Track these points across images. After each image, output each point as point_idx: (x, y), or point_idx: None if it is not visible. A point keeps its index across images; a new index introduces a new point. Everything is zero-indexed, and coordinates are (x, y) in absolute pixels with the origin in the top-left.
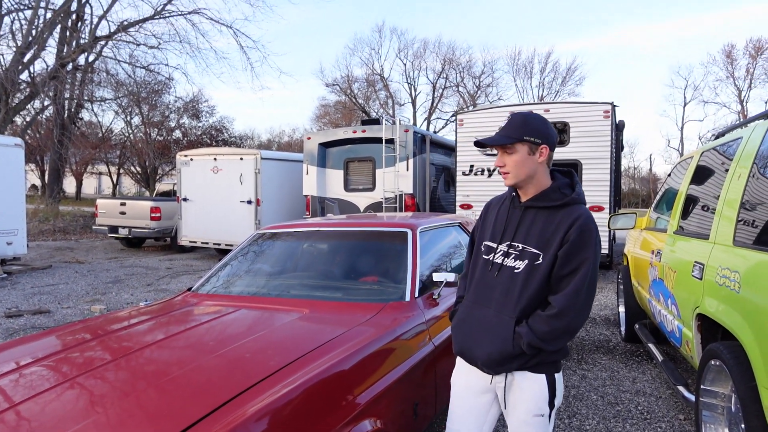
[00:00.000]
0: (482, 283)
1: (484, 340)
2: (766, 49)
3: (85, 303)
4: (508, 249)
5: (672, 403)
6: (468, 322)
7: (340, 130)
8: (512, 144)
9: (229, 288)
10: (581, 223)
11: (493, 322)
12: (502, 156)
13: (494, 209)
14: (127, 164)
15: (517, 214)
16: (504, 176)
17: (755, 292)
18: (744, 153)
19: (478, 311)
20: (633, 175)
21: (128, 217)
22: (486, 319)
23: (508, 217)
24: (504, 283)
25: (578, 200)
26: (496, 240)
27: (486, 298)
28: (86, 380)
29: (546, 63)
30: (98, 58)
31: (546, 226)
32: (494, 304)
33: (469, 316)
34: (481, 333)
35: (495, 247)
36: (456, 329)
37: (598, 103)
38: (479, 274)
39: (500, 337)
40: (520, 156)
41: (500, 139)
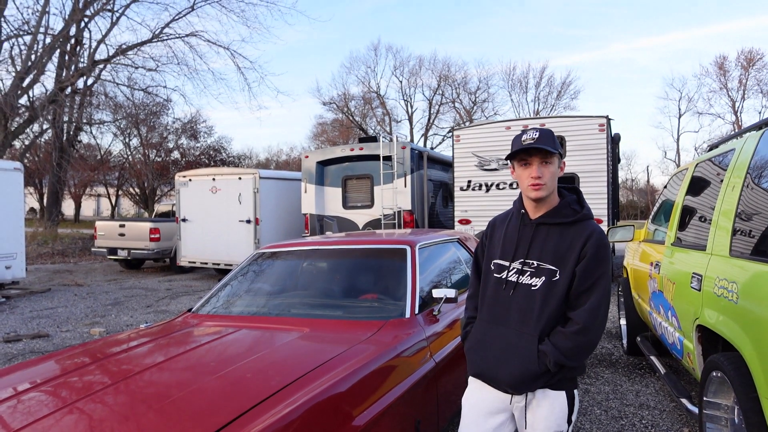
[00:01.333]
0: (497, 302)
1: (507, 360)
2: (757, 60)
3: (85, 326)
4: (522, 267)
5: (676, 416)
6: (486, 343)
7: (338, 148)
8: (553, 154)
9: (230, 308)
10: (597, 238)
11: (515, 342)
12: (540, 167)
13: (500, 227)
14: (126, 186)
15: (529, 231)
16: (537, 188)
17: (753, 303)
18: (737, 164)
19: (496, 331)
20: (631, 187)
21: (127, 238)
22: (506, 339)
23: (519, 234)
24: (521, 302)
25: (589, 216)
26: (508, 258)
27: (503, 318)
28: (86, 405)
29: (541, 78)
30: (97, 81)
31: (560, 243)
32: (513, 323)
33: (487, 336)
34: (504, 353)
35: (507, 266)
36: (473, 351)
37: (593, 116)
38: (492, 293)
39: (524, 356)
40: (555, 168)
41: (548, 146)
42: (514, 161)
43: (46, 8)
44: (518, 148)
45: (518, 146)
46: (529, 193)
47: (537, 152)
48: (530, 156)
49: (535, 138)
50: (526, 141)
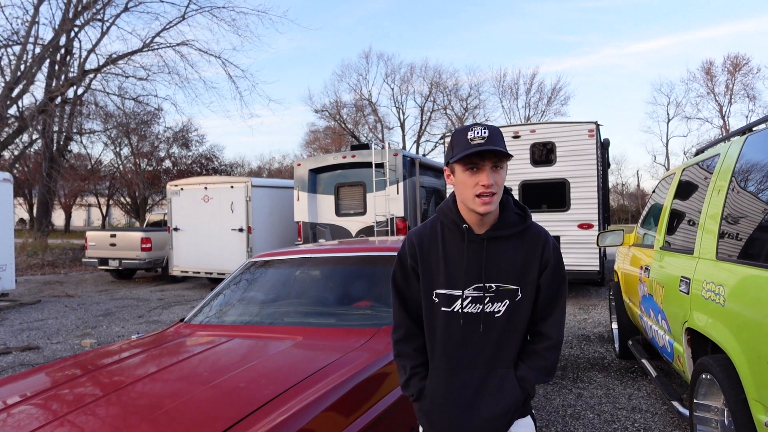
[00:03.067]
0: (454, 342)
1: (480, 406)
2: (744, 65)
3: (76, 338)
4: (479, 293)
5: (668, 418)
6: (451, 396)
7: (330, 156)
8: (507, 157)
9: (222, 317)
10: (552, 243)
11: (487, 383)
12: (492, 173)
13: (433, 247)
14: (117, 195)
15: (478, 248)
16: (489, 199)
17: (739, 306)
18: (722, 168)
19: (460, 377)
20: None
21: (118, 248)
22: (474, 383)
23: (467, 254)
24: (486, 335)
25: (531, 218)
26: (458, 286)
27: (466, 360)
28: (77, 417)
29: (531, 84)
30: (87, 91)
31: (516, 257)
32: (481, 363)
33: (450, 387)
34: (474, 400)
35: (460, 295)
36: (434, 412)
37: (583, 122)
38: (445, 332)
39: (503, 393)
40: (505, 174)
41: (501, 147)
42: (455, 165)
43: (36, 18)
44: (471, 151)
45: (468, 147)
46: (476, 206)
47: (491, 155)
48: (481, 159)
49: (485, 137)
50: (474, 141)
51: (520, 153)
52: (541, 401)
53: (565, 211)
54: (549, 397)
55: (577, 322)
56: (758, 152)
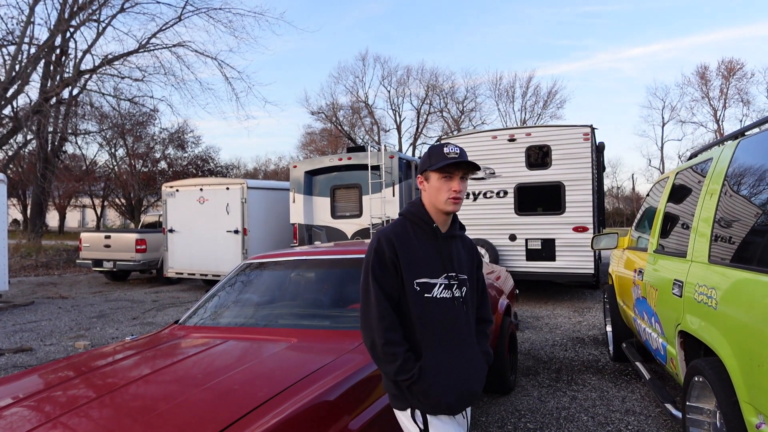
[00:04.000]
0: (436, 323)
1: (471, 377)
2: (738, 69)
3: (69, 339)
4: (449, 281)
5: (661, 421)
6: (447, 370)
7: (326, 158)
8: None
9: (217, 319)
10: (474, 244)
11: (467, 356)
12: (461, 182)
13: (409, 244)
14: (112, 196)
15: (445, 244)
16: (457, 202)
17: (731, 309)
18: (715, 173)
19: (450, 353)
20: (617, 194)
21: (113, 250)
22: (461, 358)
23: (437, 248)
24: (457, 315)
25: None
26: (434, 274)
27: (450, 337)
28: (70, 419)
29: (527, 87)
30: (82, 92)
31: (463, 252)
32: (464, 341)
33: (443, 363)
34: (466, 372)
35: (433, 283)
36: (436, 383)
37: (578, 126)
38: (429, 315)
39: (476, 365)
40: (467, 183)
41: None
42: (432, 173)
43: (31, 18)
44: (449, 162)
45: (444, 159)
46: (446, 206)
47: (465, 166)
48: (456, 170)
49: (458, 153)
50: (450, 155)
51: (516, 156)
52: (536, 404)
53: (561, 214)
54: (543, 400)
55: (572, 325)
56: (750, 156)
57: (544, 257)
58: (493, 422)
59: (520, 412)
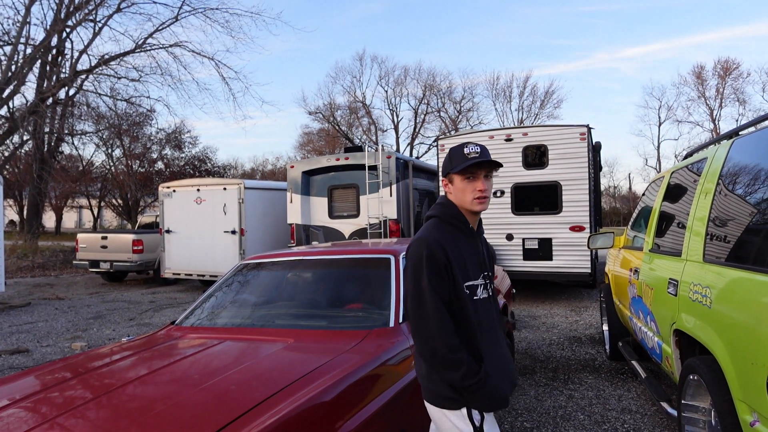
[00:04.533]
0: (483, 325)
1: (513, 369)
2: (734, 69)
3: (66, 340)
4: (484, 281)
5: (657, 419)
6: (500, 369)
7: (324, 158)
8: (495, 168)
9: (214, 320)
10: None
11: (504, 353)
12: (486, 181)
13: (455, 246)
14: (109, 197)
15: (478, 243)
16: (483, 201)
17: (725, 307)
18: (710, 172)
19: (496, 352)
20: (613, 194)
21: (110, 250)
22: (504, 352)
23: (476, 249)
24: (490, 315)
25: None
26: (476, 276)
27: (494, 337)
28: (67, 420)
29: (524, 87)
30: (79, 92)
31: (484, 249)
32: (495, 339)
33: (495, 362)
34: (510, 365)
35: (477, 284)
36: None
37: (575, 125)
38: (479, 318)
39: (509, 360)
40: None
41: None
42: (455, 175)
43: (27, 18)
44: (470, 163)
45: (466, 160)
46: (473, 206)
47: (487, 165)
48: (478, 169)
49: (478, 152)
50: (470, 155)
51: (513, 156)
52: (533, 403)
53: (557, 214)
54: (540, 399)
55: (569, 324)
56: (745, 155)
57: (541, 257)
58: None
59: (517, 411)
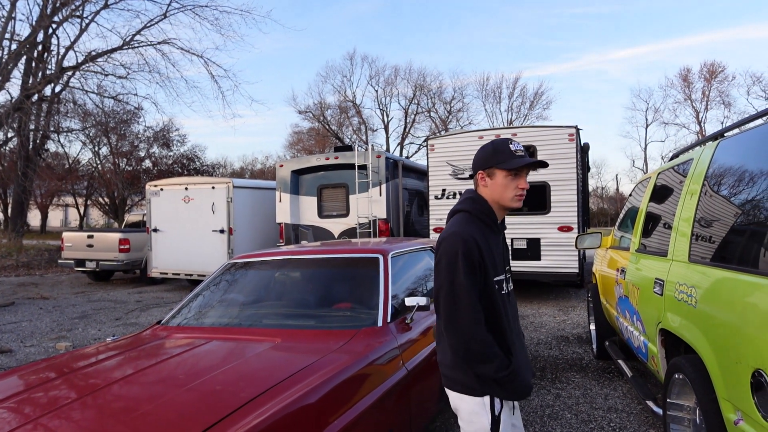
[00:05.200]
0: (509, 318)
1: (529, 363)
2: (719, 72)
3: (50, 340)
4: (506, 275)
5: (643, 418)
6: (523, 361)
7: (313, 157)
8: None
9: (201, 319)
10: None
11: (524, 345)
12: (526, 178)
13: (485, 242)
14: (95, 195)
15: (501, 239)
16: (521, 199)
17: (710, 307)
18: (695, 173)
19: (521, 343)
20: (601, 194)
21: (96, 249)
22: (524, 346)
23: (501, 245)
24: (513, 308)
25: None
26: (501, 271)
27: (516, 330)
28: (51, 421)
29: (514, 88)
30: (65, 89)
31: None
32: (516, 331)
33: (521, 352)
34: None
35: (502, 279)
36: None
37: (563, 126)
38: (505, 311)
39: (526, 353)
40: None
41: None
42: (498, 170)
43: (12, 14)
44: (527, 162)
45: (513, 157)
46: (513, 203)
47: (534, 166)
48: (525, 168)
49: (523, 151)
50: (518, 153)
51: None
52: (520, 402)
53: (546, 214)
54: (528, 398)
55: (557, 324)
56: (729, 157)
57: (529, 257)
58: None
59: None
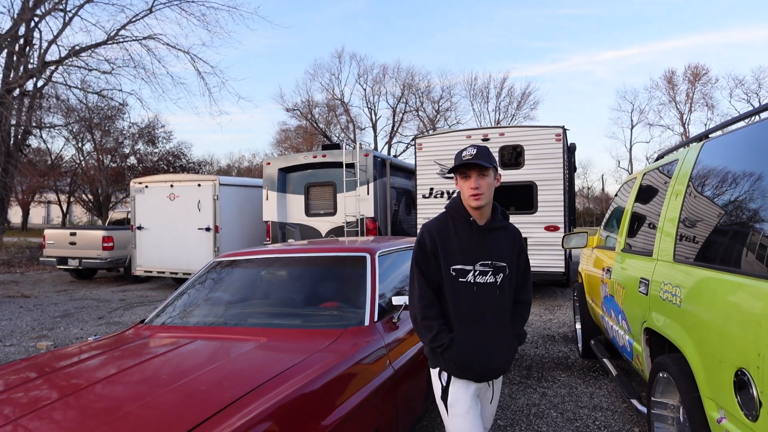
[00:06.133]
0: (470, 304)
1: (496, 352)
2: (703, 75)
3: (31, 340)
4: (483, 267)
5: (627, 416)
6: (475, 342)
7: (301, 155)
8: (489, 168)
9: (185, 318)
10: (519, 233)
11: (497, 334)
12: (478, 179)
13: (447, 235)
14: (78, 192)
15: (482, 236)
16: (476, 198)
17: (694, 306)
18: (680, 174)
19: (477, 329)
20: (587, 194)
21: (79, 247)
22: (489, 334)
23: (474, 240)
24: (490, 298)
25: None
26: (468, 262)
27: (479, 316)
28: (30, 422)
29: (501, 88)
30: (48, 84)
31: (506, 243)
32: (489, 319)
33: (472, 336)
34: (492, 347)
35: (469, 269)
36: (463, 354)
37: (550, 126)
38: (463, 296)
39: (508, 344)
40: (490, 180)
41: (484, 161)
42: (456, 174)
43: None
44: (459, 163)
45: (459, 161)
46: (470, 202)
47: (474, 167)
48: (469, 170)
49: (473, 154)
50: (465, 157)
51: None
52: (506, 400)
53: (532, 214)
54: (514, 397)
55: (543, 323)
56: (714, 158)
57: None
58: None
59: None
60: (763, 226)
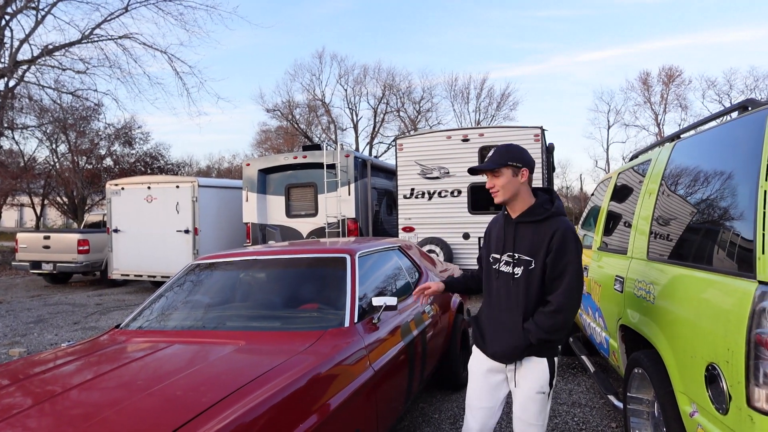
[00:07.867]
0: (491, 288)
1: (501, 337)
2: (677, 76)
3: (2, 346)
4: (508, 258)
5: (605, 412)
6: (485, 322)
7: (281, 156)
8: (498, 168)
9: (161, 323)
10: (562, 233)
11: (506, 322)
12: (491, 179)
13: (494, 227)
14: (53, 195)
15: (511, 228)
16: (495, 195)
17: (667, 303)
18: (653, 173)
19: (491, 313)
20: (566, 194)
21: (53, 251)
22: (500, 320)
23: (504, 231)
24: (506, 287)
25: (558, 213)
26: (498, 252)
27: (495, 302)
28: (3, 430)
29: (481, 89)
30: (20, 83)
31: (534, 237)
32: (503, 306)
33: (485, 316)
34: (498, 332)
35: (498, 258)
36: (478, 327)
37: (529, 127)
38: (489, 281)
39: (513, 333)
40: (506, 178)
41: (488, 165)
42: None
43: None
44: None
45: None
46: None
47: (479, 169)
48: (479, 173)
49: (489, 156)
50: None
51: (469, 156)
52: None
53: None
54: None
55: None
56: (685, 158)
57: None
58: (446, 419)
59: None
60: (734, 224)
